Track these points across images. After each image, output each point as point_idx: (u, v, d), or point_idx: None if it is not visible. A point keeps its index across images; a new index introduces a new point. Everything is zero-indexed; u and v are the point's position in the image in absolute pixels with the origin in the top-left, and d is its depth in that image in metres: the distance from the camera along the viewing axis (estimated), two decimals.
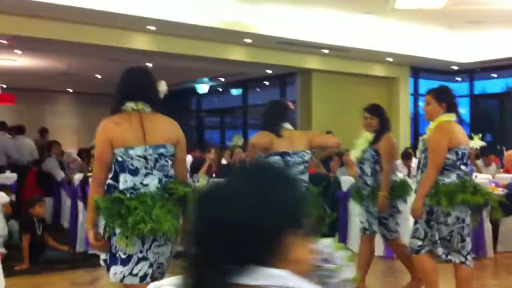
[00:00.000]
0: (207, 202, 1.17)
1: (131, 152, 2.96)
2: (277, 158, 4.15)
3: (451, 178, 4.10)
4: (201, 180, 7.33)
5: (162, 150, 3.03)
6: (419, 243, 4.19)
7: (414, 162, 8.69)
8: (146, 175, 2.98)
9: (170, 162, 3.08)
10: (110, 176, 2.99)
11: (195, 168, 9.16)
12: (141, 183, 2.96)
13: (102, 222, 3.03)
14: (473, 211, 4.21)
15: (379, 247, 6.64)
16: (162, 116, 3.15)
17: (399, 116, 13.69)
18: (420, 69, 14.34)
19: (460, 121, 4.40)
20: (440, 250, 4.17)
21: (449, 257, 4.17)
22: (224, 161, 9.73)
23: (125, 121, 3.00)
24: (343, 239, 6.84)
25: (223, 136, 17.94)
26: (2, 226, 6.28)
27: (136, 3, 8.77)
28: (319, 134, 5.07)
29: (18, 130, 10.21)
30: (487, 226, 6.56)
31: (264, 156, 4.26)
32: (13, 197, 7.35)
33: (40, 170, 9.20)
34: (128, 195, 2.93)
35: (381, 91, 14.00)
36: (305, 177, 4.23)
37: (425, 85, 14.95)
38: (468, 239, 4.15)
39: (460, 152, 4.14)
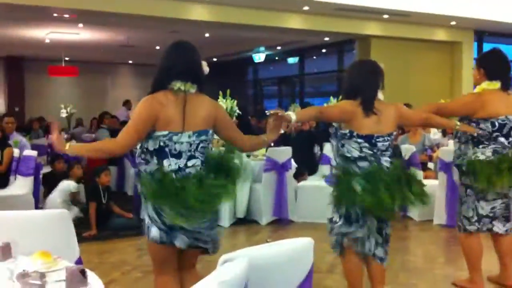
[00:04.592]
0: None
1: (175, 138, 2.89)
2: (360, 141, 3.45)
3: (486, 154, 3.89)
4: (260, 150, 7.38)
5: (203, 137, 2.98)
6: (466, 221, 4.11)
7: None
8: (189, 158, 2.93)
9: (210, 145, 3.05)
10: (152, 162, 2.91)
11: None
12: (186, 165, 2.91)
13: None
14: None
15: (442, 215, 6.55)
16: (205, 98, 3.06)
17: (462, 82, 13.25)
18: (484, 32, 13.77)
19: (505, 88, 3.99)
20: (489, 226, 4.06)
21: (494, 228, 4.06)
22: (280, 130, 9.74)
23: (170, 103, 2.92)
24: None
25: (280, 105, 17.92)
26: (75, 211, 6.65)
27: None
28: (410, 112, 3.89)
29: None
30: None
31: (341, 136, 3.51)
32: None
33: None
34: (173, 175, 2.88)
35: (443, 57, 13.58)
36: (388, 157, 3.51)
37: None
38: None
39: (497, 123, 3.90)
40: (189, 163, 2.93)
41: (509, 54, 4.62)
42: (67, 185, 6.86)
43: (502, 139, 3.92)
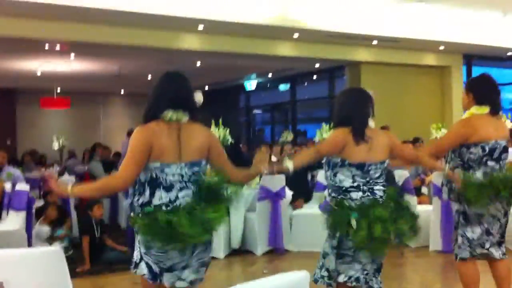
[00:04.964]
0: None
1: (166, 169, 2.89)
2: (352, 170, 3.40)
3: (477, 176, 3.86)
4: None
5: (196, 168, 2.97)
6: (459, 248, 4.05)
7: None
8: (180, 189, 2.91)
9: (203, 174, 3.04)
10: (145, 193, 2.91)
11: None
12: (176, 197, 2.90)
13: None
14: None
15: (438, 241, 6.52)
16: (197, 126, 3.06)
17: (452, 106, 13.35)
18: (473, 56, 13.92)
19: (494, 112, 3.99)
20: (482, 250, 3.98)
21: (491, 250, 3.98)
22: (274, 158, 9.71)
23: (163, 133, 2.92)
24: None
25: (273, 131, 17.96)
26: None
27: (185, 4, 8.85)
28: (403, 145, 3.86)
29: None
30: None
31: (334, 164, 3.45)
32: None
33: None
34: (164, 208, 2.87)
35: (433, 81, 13.69)
36: (382, 184, 3.48)
37: (479, 73, 14.51)
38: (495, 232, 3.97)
39: (487, 147, 3.89)
40: (180, 195, 2.91)
41: (497, 78, 4.70)
42: (39, 233, 6.64)
43: (491, 163, 3.91)
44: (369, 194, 3.42)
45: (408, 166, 7.64)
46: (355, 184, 3.41)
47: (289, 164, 3.33)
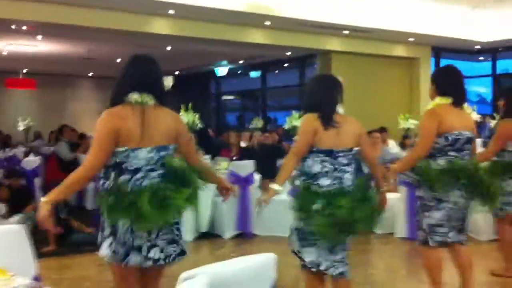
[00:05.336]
0: None
1: (133, 154, 2.84)
2: (321, 156, 3.41)
3: (438, 162, 3.91)
4: (223, 163, 7.38)
5: (163, 153, 2.94)
6: (423, 233, 4.10)
7: None
8: (147, 171, 2.88)
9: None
10: (111, 177, 2.87)
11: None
12: (142, 177, 2.86)
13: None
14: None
15: (403, 228, 6.64)
16: (165, 110, 3.01)
17: (420, 97, 13.54)
18: (442, 49, 14.14)
19: (458, 103, 4.04)
20: (437, 237, 4.02)
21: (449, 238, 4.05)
22: (242, 144, 9.74)
23: (128, 117, 2.86)
24: None
25: (243, 118, 17.98)
26: None
27: None
28: (369, 142, 3.80)
29: None
30: None
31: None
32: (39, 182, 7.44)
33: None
34: (129, 185, 2.84)
35: (402, 72, 13.87)
36: (351, 173, 3.45)
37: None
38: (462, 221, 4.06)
39: (450, 138, 3.93)
40: (146, 178, 2.88)
41: (464, 71, 4.77)
42: None
43: (453, 153, 3.95)
44: (337, 182, 3.41)
45: (378, 149, 7.76)
46: (324, 170, 3.40)
47: (276, 187, 3.40)
